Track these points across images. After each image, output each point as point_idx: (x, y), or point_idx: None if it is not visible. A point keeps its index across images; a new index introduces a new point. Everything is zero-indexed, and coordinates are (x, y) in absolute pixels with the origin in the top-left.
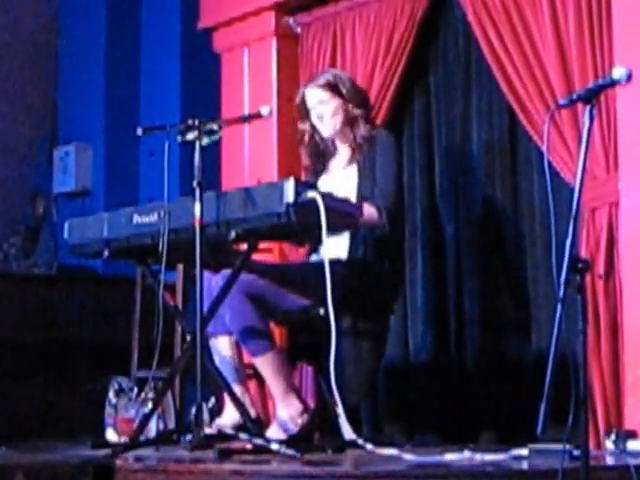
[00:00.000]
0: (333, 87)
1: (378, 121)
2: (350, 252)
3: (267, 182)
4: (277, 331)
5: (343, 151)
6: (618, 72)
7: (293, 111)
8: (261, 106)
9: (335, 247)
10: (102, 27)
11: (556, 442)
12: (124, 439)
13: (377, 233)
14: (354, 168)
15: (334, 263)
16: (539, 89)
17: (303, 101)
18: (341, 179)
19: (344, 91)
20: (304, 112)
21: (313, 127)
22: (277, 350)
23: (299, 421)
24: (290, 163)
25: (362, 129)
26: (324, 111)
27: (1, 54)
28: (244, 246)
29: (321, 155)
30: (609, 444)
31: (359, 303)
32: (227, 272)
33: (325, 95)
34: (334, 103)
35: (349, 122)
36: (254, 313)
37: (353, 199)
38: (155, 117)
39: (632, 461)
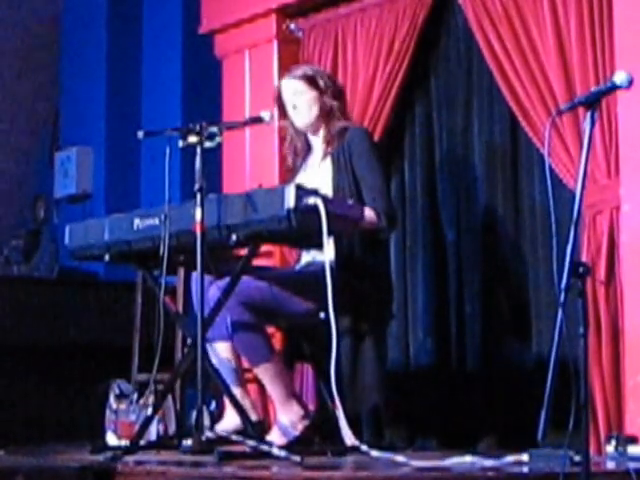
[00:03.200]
0: (310, 78)
1: (379, 126)
2: (336, 249)
3: (268, 187)
4: (276, 334)
5: (317, 146)
6: (619, 77)
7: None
8: (262, 111)
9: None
10: (103, 31)
11: (557, 447)
12: (124, 443)
13: (379, 236)
14: (328, 162)
15: (323, 266)
16: (540, 94)
17: (279, 96)
18: (317, 174)
19: (321, 83)
20: (282, 107)
21: (292, 123)
22: (276, 358)
23: (300, 426)
24: None
25: (337, 122)
26: (299, 101)
27: (2, 58)
28: (245, 250)
29: (299, 154)
30: (610, 449)
31: (354, 301)
32: (223, 283)
33: (301, 86)
34: (310, 94)
35: (324, 115)
36: (252, 323)
37: (329, 193)
38: (156, 121)
39: (633, 466)
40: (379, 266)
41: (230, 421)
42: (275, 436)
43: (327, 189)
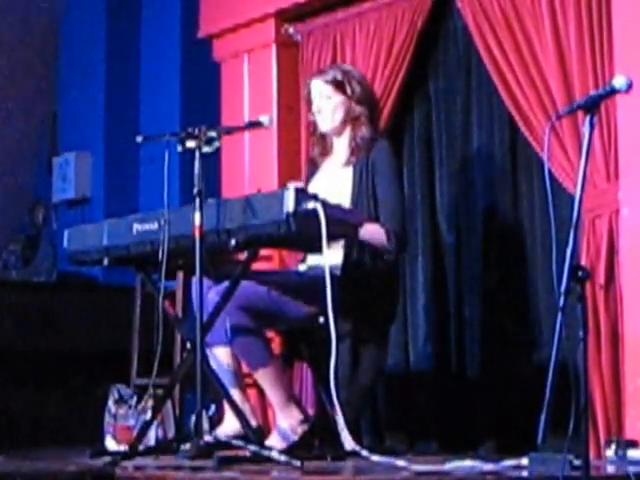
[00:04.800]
0: (339, 84)
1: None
2: (345, 255)
3: (267, 191)
4: (276, 338)
5: (340, 150)
6: (618, 81)
7: (293, 119)
8: (261, 115)
9: (331, 251)
10: (102, 35)
11: (557, 451)
12: (123, 447)
13: (385, 257)
14: (349, 171)
15: (331, 270)
16: (539, 97)
17: (309, 92)
18: (335, 181)
19: (349, 89)
20: (310, 103)
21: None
22: (275, 362)
23: (299, 430)
24: (290, 171)
25: (363, 130)
26: (324, 105)
27: (1, 62)
28: (244, 255)
29: (321, 151)
30: (610, 453)
31: (358, 308)
32: (222, 287)
33: (328, 90)
34: (336, 99)
35: (350, 121)
36: (251, 328)
37: (346, 203)
38: (155, 125)
39: (632, 470)
40: (389, 271)
41: (229, 425)
42: (275, 441)
43: (345, 200)
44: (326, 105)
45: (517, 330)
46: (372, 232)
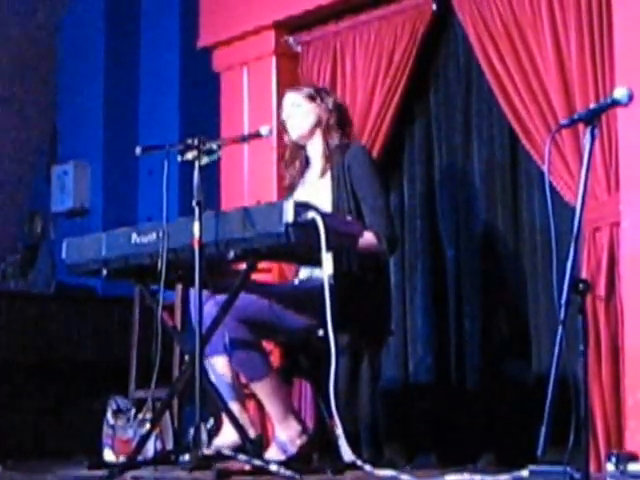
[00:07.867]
0: (309, 94)
1: (378, 141)
2: (335, 266)
3: (266, 202)
4: (275, 350)
5: (316, 163)
6: (619, 92)
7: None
8: (261, 126)
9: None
10: (101, 46)
11: (557, 464)
12: (122, 459)
13: (379, 260)
14: (327, 179)
15: (322, 283)
16: (540, 109)
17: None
18: (314, 191)
19: (320, 99)
20: (284, 123)
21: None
22: (274, 374)
23: (298, 442)
24: None
25: (335, 138)
26: (293, 112)
27: (0, 73)
28: (243, 266)
29: (297, 171)
30: (610, 466)
31: (352, 318)
32: (221, 298)
33: (299, 99)
34: (306, 106)
35: (320, 128)
36: (249, 340)
37: (328, 211)
38: (154, 136)
39: None
40: (377, 283)
41: (227, 436)
42: (273, 453)
43: (326, 207)
44: (296, 112)
45: (517, 342)
46: (365, 239)
